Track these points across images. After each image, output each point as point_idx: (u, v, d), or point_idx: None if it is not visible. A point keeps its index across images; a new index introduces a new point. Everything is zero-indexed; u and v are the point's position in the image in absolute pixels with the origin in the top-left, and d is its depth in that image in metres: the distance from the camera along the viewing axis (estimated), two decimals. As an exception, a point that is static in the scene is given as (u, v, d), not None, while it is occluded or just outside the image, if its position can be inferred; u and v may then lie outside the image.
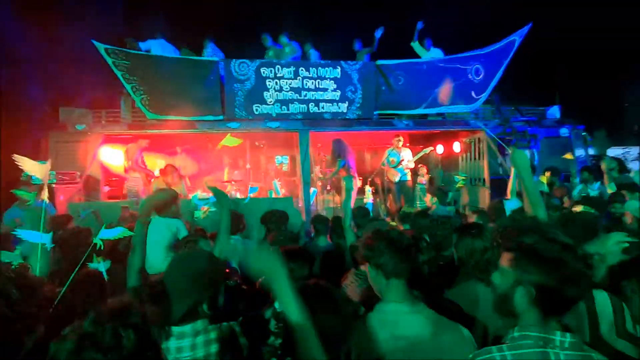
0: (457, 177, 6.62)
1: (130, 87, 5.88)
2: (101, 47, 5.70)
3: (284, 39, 7.09)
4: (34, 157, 6.00)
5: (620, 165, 5.64)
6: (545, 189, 4.81)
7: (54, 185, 5.09)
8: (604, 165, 5.08)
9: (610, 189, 4.85)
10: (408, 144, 7.79)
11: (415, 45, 7.24)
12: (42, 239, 2.08)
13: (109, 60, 5.77)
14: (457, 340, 1.27)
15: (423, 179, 7.55)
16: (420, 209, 7.32)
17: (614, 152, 12.75)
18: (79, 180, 5.58)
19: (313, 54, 6.98)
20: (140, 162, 6.18)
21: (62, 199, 5.08)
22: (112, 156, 6.31)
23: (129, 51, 6.00)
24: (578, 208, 3.50)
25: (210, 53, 6.77)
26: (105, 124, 6.29)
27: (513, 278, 1.05)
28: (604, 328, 1.51)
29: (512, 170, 3.88)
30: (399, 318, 1.30)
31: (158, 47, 6.45)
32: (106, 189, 6.36)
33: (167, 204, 3.06)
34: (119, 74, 5.84)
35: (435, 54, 7.14)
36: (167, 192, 3.17)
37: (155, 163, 6.87)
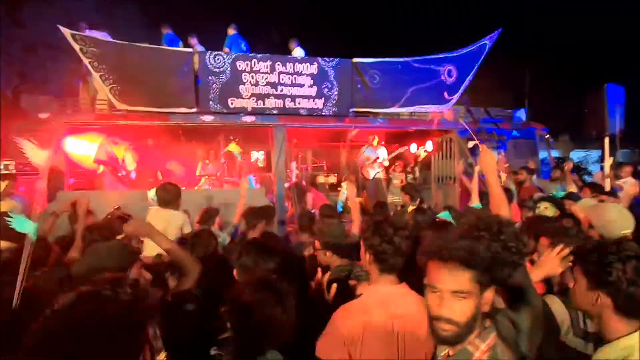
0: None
1: (98, 75, 5.67)
2: (67, 32, 5.46)
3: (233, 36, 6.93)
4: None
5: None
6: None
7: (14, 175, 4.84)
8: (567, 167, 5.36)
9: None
10: (383, 142, 7.93)
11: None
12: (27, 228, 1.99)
13: (76, 47, 5.53)
14: None
15: (398, 175, 7.72)
16: (395, 203, 7.50)
17: (576, 154, 13.48)
18: (41, 171, 5.33)
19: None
20: (105, 158, 6.04)
21: (23, 190, 4.84)
22: (78, 147, 6.05)
23: (98, 38, 5.77)
24: (543, 206, 3.69)
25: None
26: (71, 113, 6.04)
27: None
28: (564, 331, 1.62)
29: (476, 170, 4.07)
30: (395, 299, 1.48)
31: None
32: (71, 180, 6.11)
33: (174, 197, 3.12)
34: (86, 61, 5.61)
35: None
36: (174, 186, 3.26)
37: (125, 155, 6.66)
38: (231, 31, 7.13)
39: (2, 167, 4.98)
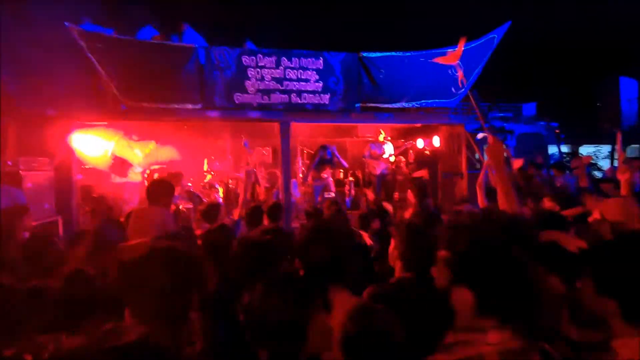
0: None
1: (104, 71, 5.67)
2: (74, 29, 5.47)
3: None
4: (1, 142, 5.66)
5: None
6: None
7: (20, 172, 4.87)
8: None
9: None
10: (389, 138, 7.87)
11: None
12: None
13: (83, 44, 5.54)
14: None
15: (402, 170, 7.67)
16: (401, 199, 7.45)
17: (586, 149, 13.27)
18: (48, 168, 5.36)
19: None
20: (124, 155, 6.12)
21: (30, 186, 4.87)
22: (85, 143, 6.08)
23: (104, 34, 5.77)
24: (548, 203, 3.63)
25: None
26: (78, 109, 6.05)
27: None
28: None
29: (484, 164, 4.00)
30: None
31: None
32: (79, 177, 6.15)
33: (163, 194, 3.09)
34: (93, 58, 5.62)
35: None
36: (163, 182, 3.29)
37: (133, 152, 6.68)
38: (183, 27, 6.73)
39: (10, 164, 5.01)
